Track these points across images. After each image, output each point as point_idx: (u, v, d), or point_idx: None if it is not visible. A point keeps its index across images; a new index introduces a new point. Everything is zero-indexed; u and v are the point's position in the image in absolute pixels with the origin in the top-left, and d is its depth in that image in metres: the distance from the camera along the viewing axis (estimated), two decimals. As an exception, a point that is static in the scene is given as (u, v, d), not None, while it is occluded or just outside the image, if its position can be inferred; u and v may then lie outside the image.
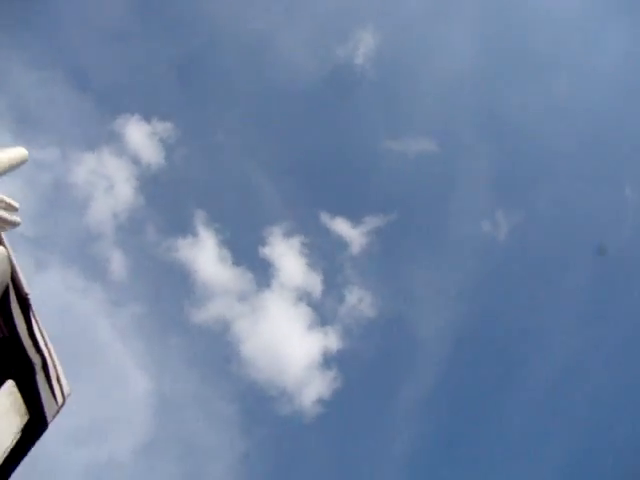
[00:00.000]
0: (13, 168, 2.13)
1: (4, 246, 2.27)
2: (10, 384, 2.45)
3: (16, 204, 2.21)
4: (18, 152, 2.17)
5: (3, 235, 2.28)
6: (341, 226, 20.06)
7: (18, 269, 2.42)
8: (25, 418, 2.48)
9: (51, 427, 2.69)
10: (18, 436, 2.43)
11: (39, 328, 2.56)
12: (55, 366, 2.63)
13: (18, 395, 2.47)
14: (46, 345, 2.59)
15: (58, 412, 2.65)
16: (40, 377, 2.54)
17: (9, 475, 2.51)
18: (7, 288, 2.33)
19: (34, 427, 2.52)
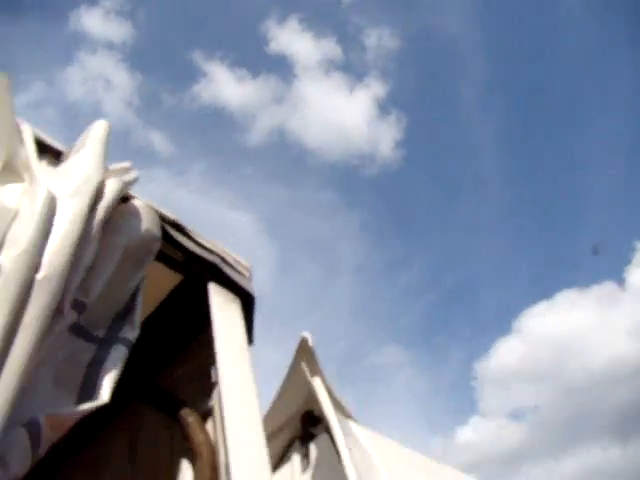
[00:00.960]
0: (107, 142, 2.24)
1: (139, 199, 2.51)
2: (213, 286, 2.90)
3: (127, 164, 2.38)
4: (100, 126, 2.26)
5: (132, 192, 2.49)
6: (325, -18, 18.15)
7: (155, 205, 2.68)
8: (238, 301, 2.97)
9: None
10: (243, 315, 2.94)
11: (199, 236, 2.91)
12: (228, 253, 3.03)
13: (223, 290, 2.92)
14: (213, 244, 2.96)
15: (251, 283, 3.12)
16: (226, 268, 2.96)
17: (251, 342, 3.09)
18: (162, 226, 2.63)
19: (248, 304, 3.02)
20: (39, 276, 1.72)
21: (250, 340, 3.05)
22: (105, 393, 2.10)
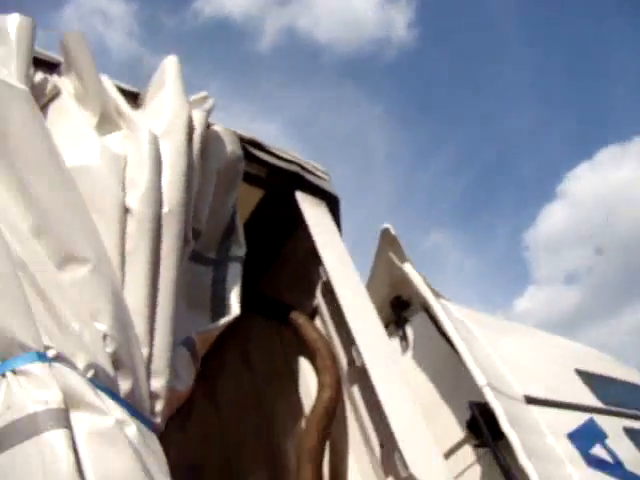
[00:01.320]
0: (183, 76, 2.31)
1: (218, 125, 2.60)
2: (299, 194, 3.01)
3: (204, 93, 2.46)
4: (172, 62, 2.32)
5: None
6: None
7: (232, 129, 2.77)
8: (323, 204, 3.09)
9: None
10: (330, 213, 3.07)
11: (278, 149, 3.00)
12: (306, 161, 3.11)
13: (308, 196, 3.04)
14: (291, 155, 3.05)
15: (332, 185, 3.21)
16: (308, 175, 3.06)
17: None
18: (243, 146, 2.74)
19: (335, 207, 3.15)
20: (165, 211, 1.87)
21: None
22: (235, 307, 2.31)
